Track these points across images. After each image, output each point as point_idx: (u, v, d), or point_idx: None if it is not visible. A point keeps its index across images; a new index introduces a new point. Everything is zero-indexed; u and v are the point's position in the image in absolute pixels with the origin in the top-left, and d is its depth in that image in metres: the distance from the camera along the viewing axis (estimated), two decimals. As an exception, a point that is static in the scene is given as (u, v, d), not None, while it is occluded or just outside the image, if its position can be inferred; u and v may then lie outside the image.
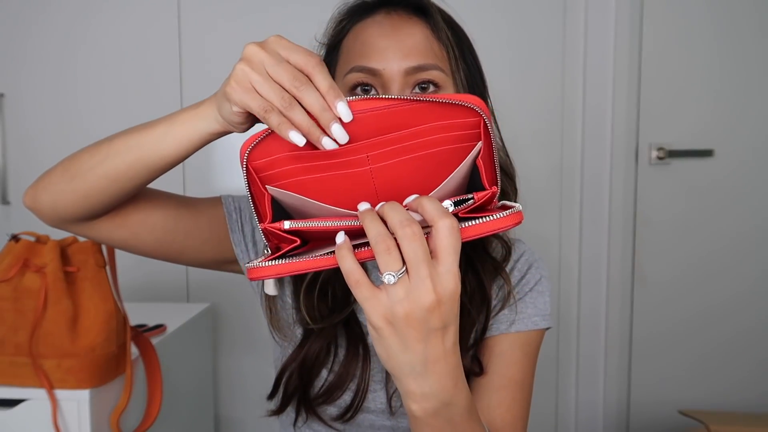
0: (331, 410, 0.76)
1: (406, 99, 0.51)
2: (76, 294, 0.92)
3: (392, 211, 0.46)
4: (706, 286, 1.81)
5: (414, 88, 0.68)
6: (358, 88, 0.69)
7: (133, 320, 1.06)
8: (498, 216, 0.47)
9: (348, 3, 0.76)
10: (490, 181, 0.51)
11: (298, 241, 0.51)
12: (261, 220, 0.54)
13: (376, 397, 0.77)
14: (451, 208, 0.48)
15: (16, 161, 1.73)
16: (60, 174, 0.64)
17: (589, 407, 1.85)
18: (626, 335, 1.83)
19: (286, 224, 0.51)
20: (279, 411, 0.78)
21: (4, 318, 0.91)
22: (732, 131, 1.78)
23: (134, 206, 0.70)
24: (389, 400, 0.76)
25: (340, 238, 0.48)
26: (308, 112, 0.50)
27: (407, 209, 0.48)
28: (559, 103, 1.77)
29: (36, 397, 0.92)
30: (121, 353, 0.97)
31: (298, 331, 0.77)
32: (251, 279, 0.51)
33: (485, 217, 0.47)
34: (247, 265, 0.51)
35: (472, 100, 0.51)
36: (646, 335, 1.82)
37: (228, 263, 0.81)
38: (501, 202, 0.52)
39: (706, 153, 1.78)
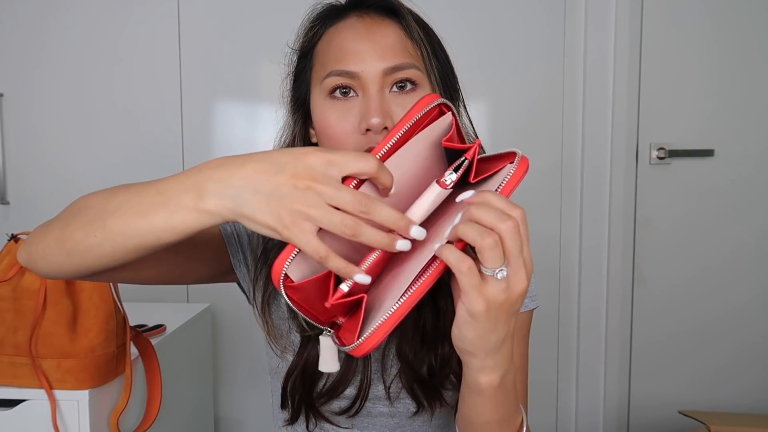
0: (336, 405, 0.77)
1: (393, 133, 0.55)
2: (76, 294, 0.92)
3: (484, 211, 0.49)
4: (706, 285, 1.81)
5: (392, 87, 0.69)
6: (337, 91, 0.69)
7: (133, 320, 1.06)
8: (513, 170, 0.53)
9: (317, 8, 0.76)
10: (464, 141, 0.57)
11: (365, 296, 0.52)
12: (319, 319, 0.55)
13: (374, 386, 0.77)
14: (454, 176, 0.53)
15: (16, 161, 1.73)
16: (55, 249, 0.61)
17: (589, 407, 1.85)
18: (626, 335, 1.82)
19: (344, 287, 0.51)
20: (293, 420, 0.79)
21: (4, 318, 0.91)
22: (732, 131, 1.78)
23: None
24: (387, 388, 0.77)
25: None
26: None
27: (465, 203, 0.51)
28: (559, 103, 1.77)
29: (35, 397, 0.92)
30: (120, 353, 0.97)
31: (296, 339, 0.78)
32: (360, 356, 0.52)
33: (506, 176, 0.53)
34: (347, 349, 0.52)
35: (431, 99, 0.57)
36: (646, 335, 1.82)
37: (225, 274, 0.82)
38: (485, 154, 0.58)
39: (707, 153, 1.77)
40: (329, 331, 0.55)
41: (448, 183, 0.52)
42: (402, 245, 0.50)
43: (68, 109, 1.72)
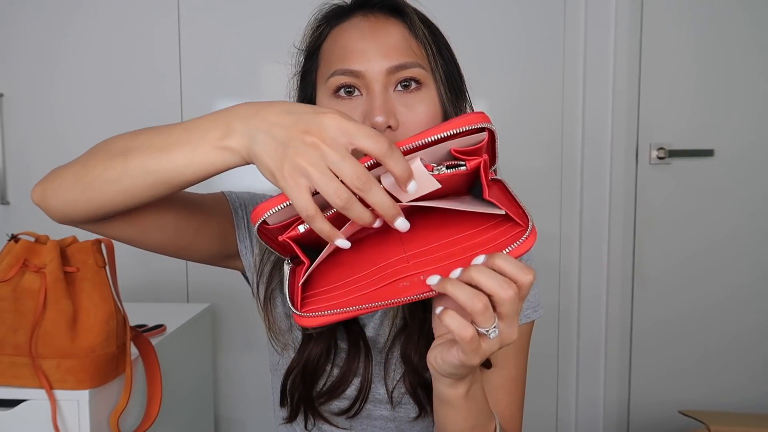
0: (336, 405, 0.77)
1: (419, 136, 0.52)
2: (76, 294, 0.92)
3: (484, 276, 0.48)
4: (705, 285, 1.81)
5: (396, 86, 0.68)
6: (342, 90, 0.69)
7: (133, 320, 1.06)
8: (521, 240, 0.51)
9: (323, 9, 0.76)
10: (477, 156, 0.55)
11: (307, 262, 0.54)
12: (283, 253, 0.58)
13: (375, 389, 0.77)
14: (443, 169, 0.52)
15: (16, 161, 1.73)
16: (72, 182, 0.61)
17: (589, 407, 1.85)
18: (626, 335, 1.83)
19: (301, 228, 0.53)
20: (291, 418, 0.79)
21: (4, 318, 0.91)
22: (732, 131, 1.78)
23: (146, 206, 0.67)
24: (390, 393, 0.77)
25: (433, 280, 0.50)
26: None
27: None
28: (559, 103, 1.77)
29: (35, 397, 0.92)
30: (120, 353, 0.97)
31: (298, 336, 0.78)
32: (305, 326, 0.55)
33: (513, 244, 0.52)
34: (293, 310, 0.54)
35: (482, 119, 0.52)
36: (647, 335, 1.82)
37: (228, 258, 0.81)
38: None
39: (706, 153, 1.77)
40: (289, 262, 0.57)
41: (432, 168, 0.52)
42: (378, 223, 0.51)
43: (68, 109, 1.73)
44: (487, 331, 0.49)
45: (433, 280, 0.50)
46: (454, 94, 0.73)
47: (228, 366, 1.79)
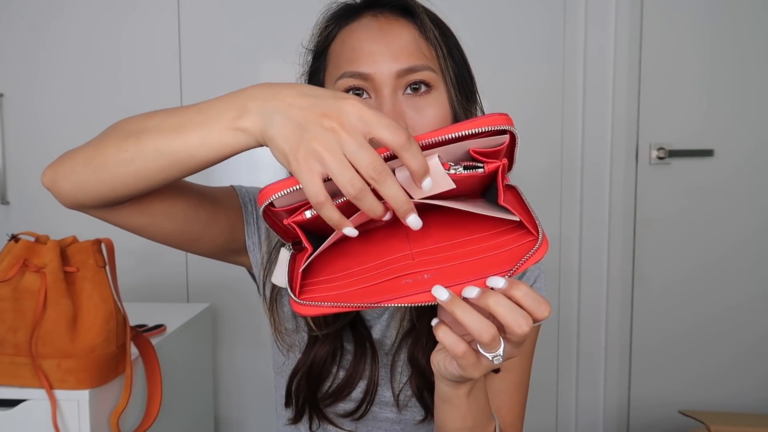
0: (341, 407, 0.77)
1: (439, 132, 0.50)
2: (76, 294, 0.92)
3: (501, 308, 0.48)
4: (706, 285, 1.81)
5: (406, 89, 0.67)
6: (350, 93, 0.68)
7: (133, 320, 1.06)
8: (533, 252, 0.50)
9: (332, 8, 0.75)
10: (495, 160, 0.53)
11: (310, 248, 0.53)
12: (285, 236, 0.57)
13: (381, 392, 0.77)
14: (461, 169, 0.50)
15: (16, 161, 1.73)
16: (83, 163, 0.59)
17: (589, 407, 1.85)
18: (626, 335, 1.82)
19: (308, 214, 0.52)
20: (296, 420, 0.78)
21: (4, 318, 0.91)
22: (732, 131, 1.78)
23: (158, 194, 0.66)
24: (396, 396, 0.77)
25: (444, 294, 0.49)
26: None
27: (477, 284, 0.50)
28: (559, 103, 1.77)
29: (36, 397, 0.92)
30: (120, 353, 0.97)
31: (304, 337, 0.77)
32: (301, 314, 0.54)
33: (524, 257, 0.50)
34: (292, 297, 0.53)
35: (500, 121, 0.50)
36: (647, 335, 1.82)
37: (235, 253, 0.80)
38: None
39: (706, 153, 1.77)
40: (290, 247, 0.57)
41: (449, 167, 0.50)
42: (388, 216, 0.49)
43: (68, 108, 1.73)
44: (492, 357, 0.49)
45: (442, 294, 0.49)
46: (464, 97, 0.72)
47: (228, 366, 1.79)
